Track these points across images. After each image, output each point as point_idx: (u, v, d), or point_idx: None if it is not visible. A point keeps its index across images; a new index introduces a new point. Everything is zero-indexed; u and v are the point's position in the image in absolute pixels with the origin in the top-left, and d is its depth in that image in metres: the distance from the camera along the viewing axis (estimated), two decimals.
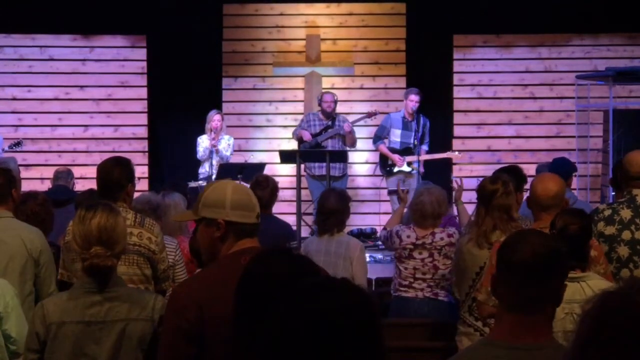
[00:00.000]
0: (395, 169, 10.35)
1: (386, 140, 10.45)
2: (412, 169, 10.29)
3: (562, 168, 6.96)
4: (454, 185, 6.79)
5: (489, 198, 4.81)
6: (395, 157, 10.31)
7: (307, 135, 10.47)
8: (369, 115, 10.63)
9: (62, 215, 5.87)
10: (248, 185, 4.78)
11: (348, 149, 10.46)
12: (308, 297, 1.82)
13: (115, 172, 4.60)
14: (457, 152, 10.64)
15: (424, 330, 5.64)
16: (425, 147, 10.40)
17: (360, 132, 10.84)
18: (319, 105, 10.63)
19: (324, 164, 10.05)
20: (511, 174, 5.43)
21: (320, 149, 10.29)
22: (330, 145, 10.40)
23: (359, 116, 10.70)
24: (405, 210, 6.70)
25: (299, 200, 9.88)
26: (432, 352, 5.35)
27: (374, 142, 10.61)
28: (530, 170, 8.11)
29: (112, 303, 3.26)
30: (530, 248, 2.36)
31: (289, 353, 1.78)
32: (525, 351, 2.31)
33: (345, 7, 11.69)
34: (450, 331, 5.15)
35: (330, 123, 10.51)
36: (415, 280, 5.82)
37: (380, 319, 1.86)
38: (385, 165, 10.47)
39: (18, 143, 10.30)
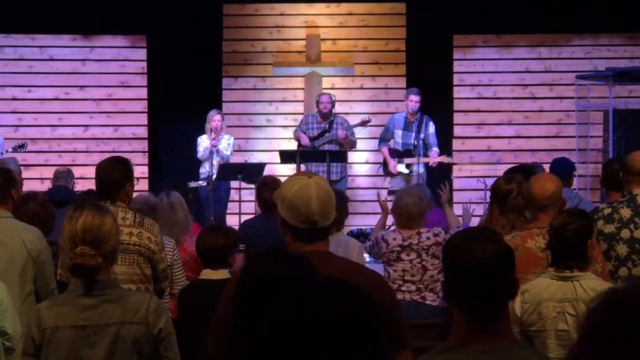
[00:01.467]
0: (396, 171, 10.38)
1: (391, 141, 10.46)
2: (411, 171, 10.27)
3: (562, 168, 6.95)
4: (443, 190, 6.88)
5: (504, 198, 4.84)
6: (392, 163, 10.33)
7: (304, 139, 10.47)
8: (362, 123, 10.59)
9: (62, 216, 5.86)
10: (253, 186, 4.78)
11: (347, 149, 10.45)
12: (307, 298, 1.82)
13: (113, 172, 4.60)
14: (446, 156, 10.39)
15: (425, 331, 5.63)
16: (436, 149, 10.33)
17: (360, 132, 10.83)
18: (317, 106, 10.62)
19: (321, 167, 10.03)
20: (524, 173, 5.44)
21: (319, 150, 10.29)
22: (327, 149, 10.37)
23: (352, 124, 10.65)
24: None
25: None
26: None
27: (379, 144, 10.64)
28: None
29: (106, 306, 3.23)
30: (481, 252, 2.29)
31: (288, 353, 1.78)
32: (486, 354, 2.27)
33: (345, 7, 11.69)
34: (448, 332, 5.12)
35: (327, 126, 10.49)
36: (404, 283, 5.85)
37: (378, 319, 1.86)
38: (387, 167, 10.49)
39: (22, 145, 10.26)
